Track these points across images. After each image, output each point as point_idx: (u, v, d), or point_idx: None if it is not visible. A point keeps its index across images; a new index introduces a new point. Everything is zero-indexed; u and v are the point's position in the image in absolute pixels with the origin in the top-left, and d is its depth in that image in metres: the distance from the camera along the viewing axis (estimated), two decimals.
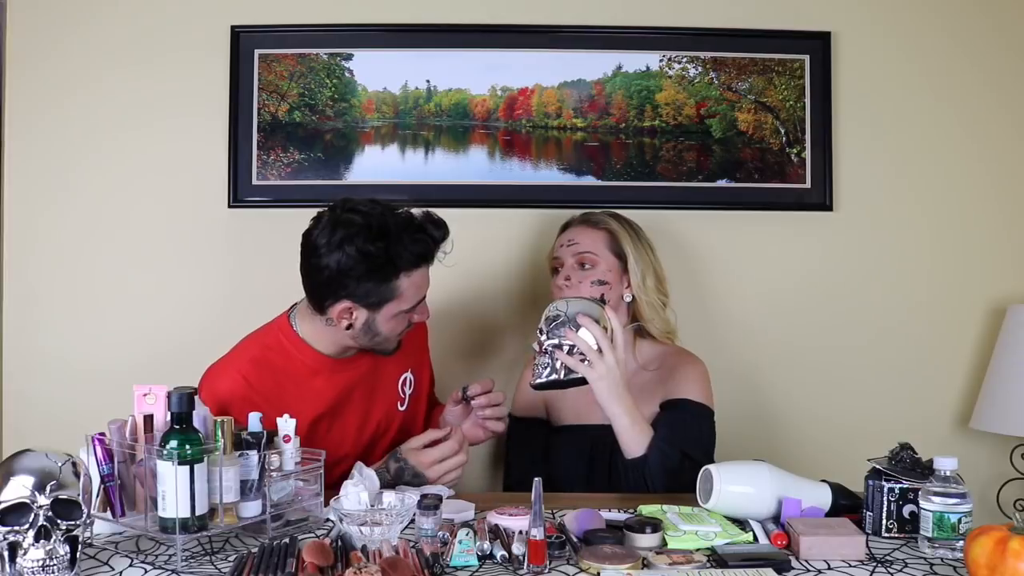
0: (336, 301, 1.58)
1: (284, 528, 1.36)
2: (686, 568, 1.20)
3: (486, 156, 2.23)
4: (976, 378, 2.23)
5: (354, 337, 1.63)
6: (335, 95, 2.21)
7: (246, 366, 1.63)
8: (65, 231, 2.20)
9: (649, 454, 1.62)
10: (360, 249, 1.52)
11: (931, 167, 2.27)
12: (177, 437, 1.24)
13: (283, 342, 1.68)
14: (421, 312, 1.67)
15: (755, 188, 2.24)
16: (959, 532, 1.27)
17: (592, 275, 1.84)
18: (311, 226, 1.60)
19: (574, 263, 1.85)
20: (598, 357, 1.58)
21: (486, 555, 1.25)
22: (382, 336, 1.64)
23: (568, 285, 1.84)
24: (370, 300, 1.57)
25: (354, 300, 1.57)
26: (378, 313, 1.60)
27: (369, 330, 1.62)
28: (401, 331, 1.67)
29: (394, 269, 1.56)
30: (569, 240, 1.88)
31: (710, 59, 2.23)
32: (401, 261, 1.55)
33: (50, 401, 2.18)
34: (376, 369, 1.76)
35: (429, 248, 1.59)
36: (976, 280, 2.27)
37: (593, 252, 1.85)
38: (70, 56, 2.19)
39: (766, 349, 2.25)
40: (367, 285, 1.55)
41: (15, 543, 1.12)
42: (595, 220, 1.91)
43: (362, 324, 1.61)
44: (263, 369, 1.64)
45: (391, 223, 1.55)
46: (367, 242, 1.52)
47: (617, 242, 1.87)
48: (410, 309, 1.63)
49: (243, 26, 2.18)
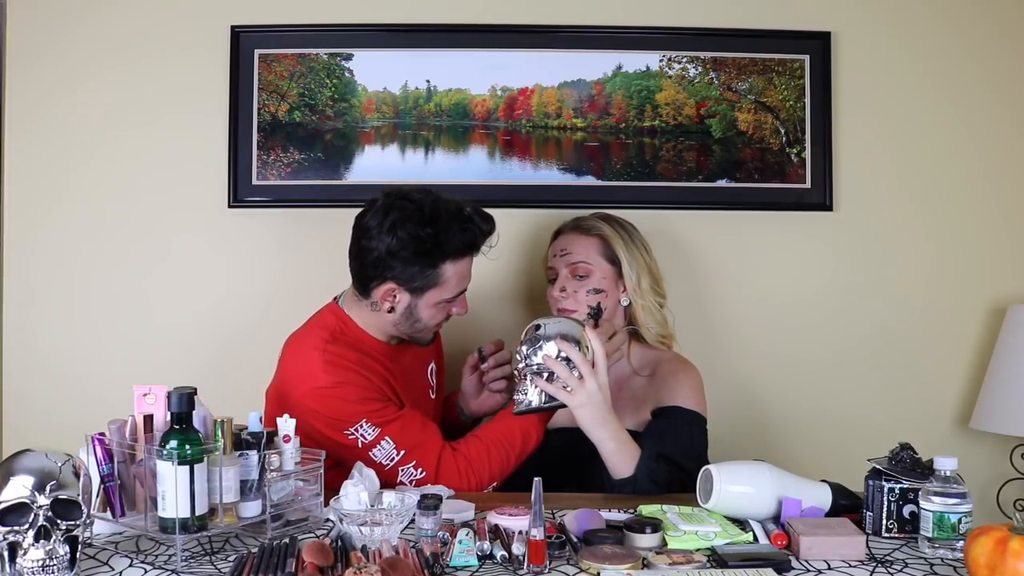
0: (382, 283, 1.63)
1: (284, 528, 1.36)
2: (686, 568, 1.20)
3: (486, 156, 2.23)
4: (976, 378, 2.23)
5: (395, 323, 1.68)
6: (335, 95, 2.21)
7: (341, 361, 1.63)
8: (65, 231, 2.20)
9: (637, 474, 1.60)
10: (410, 233, 1.59)
11: (931, 167, 2.27)
12: (177, 437, 1.24)
13: (353, 340, 1.69)
14: (461, 305, 1.72)
15: (755, 188, 2.24)
16: (959, 532, 1.27)
17: (587, 284, 1.83)
18: (364, 209, 1.67)
19: (567, 274, 1.85)
20: (579, 384, 1.56)
21: (486, 555, 1.25)
22: (422, 323, 1.68)
23: (564, 296, 1.84)
24: (414, 284, 1.63)
25: (399, 283, 1.63)
26: (420, 299, 1.65)
27: (411, 316, 1.67)
28: (440, 322, 1.72)
29: (441, 255, 1.61)
30: (562, 250, 1.87)
31: (710, 59, 2.23)
32: (448, 248, 1.61)
33: (50, 401, 2.18)
34: (417, 360, 1.82)
35: (475, 238, 1.64)
36: (976, 280, 2.27)
37: (586, 261, 1.84)
38: (70, 56, 2.19)
39: (766, 349, 2.25)
40: (413, 269, 1.61)
41: (15, 543, 1.12)
42: (586, 227, 1.88)
43: (404, 308, 1.66)
44: (353, 364, 1.64)
45: (442, 211, 1.62)
46: (417, 226, 1.59)
47: (610, 247, 1.86)
48: (451, 299, 1.68)
49: (243, 26, 2.18)
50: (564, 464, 1.76)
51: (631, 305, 1.87)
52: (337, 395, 1.60)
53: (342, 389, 1.61)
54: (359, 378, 1.63)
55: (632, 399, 1.81)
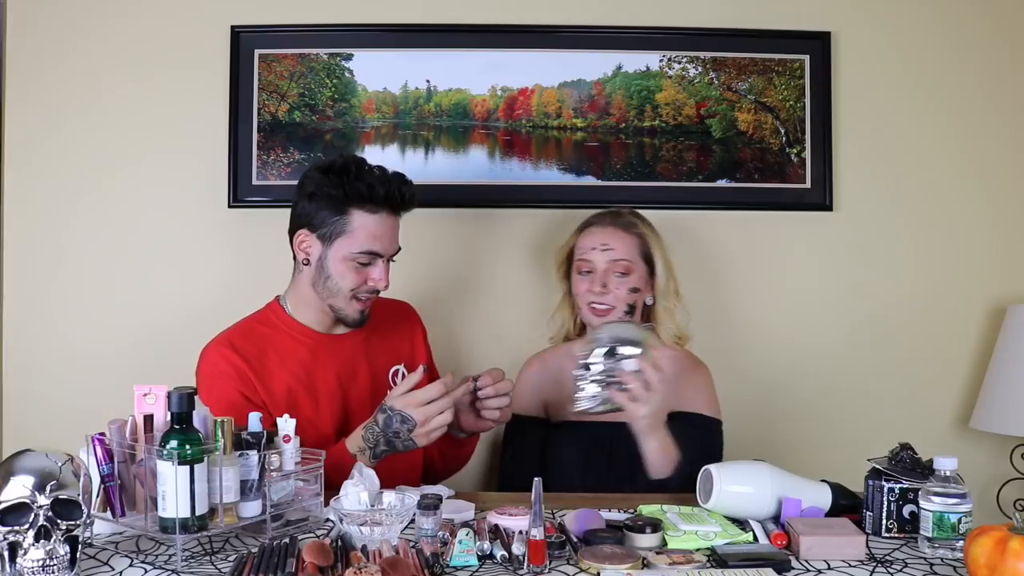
0: (298, 229, 1.72)
1: (284, 528, 1.36)
2: (686, 568, 1.20)
3: (486, 156, 2.23)
4: (976, 378, 2.23)
5: (313, 282, 1.72)
6: (335, 95, 2.21)
7: (233, 333, 1.76)
8: (65, 231, 2.20)
9: (674, 476, 1.64)
10: (321, 178, 1.68)
11: (931, 167, 2.27)
12: (177, 437, 1.24)
13: (271, 316, 1.79)
14: (379, 274, 1.71)
15: (755, 188, 2.24)
16: (959, 532, 1.27)
17: (628, 283, 1.84)
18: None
19: (610, 270, 1.84)
20: (647, 396, 1.58)
21: (486, 555, 1.25)
22: (334, 281, 1.70)
23: (604, 292, 1.83)
24: (323, 230, 1.68)
25: (311, 229, 1.70)
26: (330, 248, 1.69)
27: (323, 270, 1.70)
28: (354, 287, 1.70)
29: (346, 199, 1.66)
30: (603, 244, 1.85)
31: (710, 59, 2.23)
32: (353, 193, 1.66)
33: (50, 401, 2.18)
34: (365, 355, 1.80)
35: (387, 191, 1.67)
36: (976, 280, 2.27)
37: (629, 260, 1.85)
38: (70, 56, 2.19)
39: (765, 349, 2.25)
40: (323, 213, 1.68)
41: (15, 543, 1.12)
42: (626, 223, 1.89)
43: (316, 260, 1.70)
44: (249, 336, 1.75)
45: (353, 164, 1.70)
46: (328, 173, 1.68)
47: (647, 247, 1.88)
48: (362, 259, 1.68)
49: (243, 26, 2.18)
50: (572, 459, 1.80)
51: (653, 305, 1.89)
52: (203, 371, 1.72)
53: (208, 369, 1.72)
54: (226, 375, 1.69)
55: None
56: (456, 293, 2.24)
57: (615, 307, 1.83)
